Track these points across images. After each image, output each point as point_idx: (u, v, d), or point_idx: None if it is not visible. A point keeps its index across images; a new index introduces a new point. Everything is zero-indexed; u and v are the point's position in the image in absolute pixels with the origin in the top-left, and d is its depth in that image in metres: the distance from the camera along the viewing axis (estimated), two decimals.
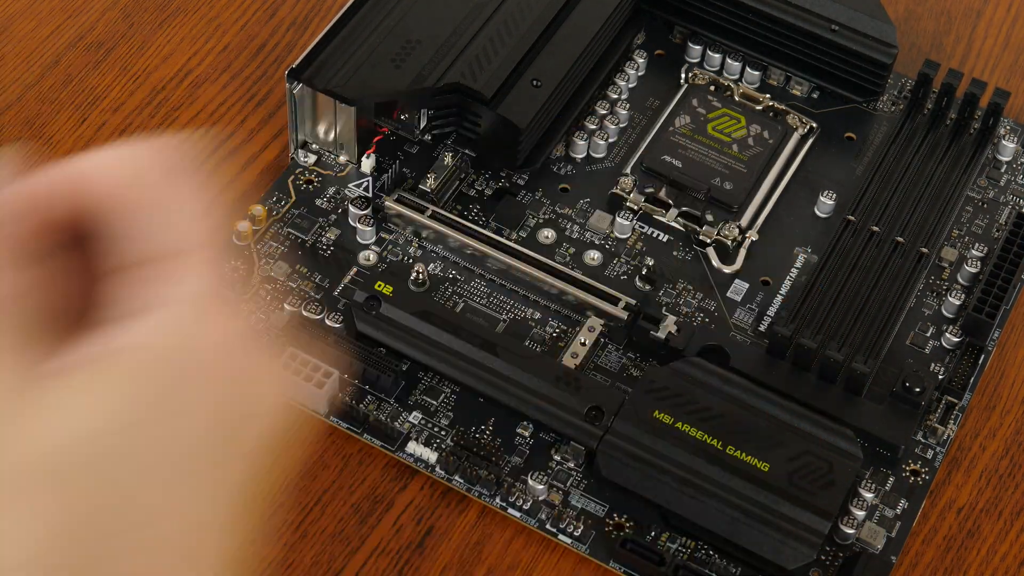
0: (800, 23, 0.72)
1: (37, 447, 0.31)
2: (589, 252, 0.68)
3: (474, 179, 0.70)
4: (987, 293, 0.66)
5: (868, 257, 0.67)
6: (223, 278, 0.36)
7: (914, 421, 0.62)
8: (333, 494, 0.60)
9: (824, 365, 0.63)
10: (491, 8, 0.70)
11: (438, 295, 0.66)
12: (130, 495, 0.32)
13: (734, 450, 0.59)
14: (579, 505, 0.60)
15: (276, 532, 0.59)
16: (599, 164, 0.71)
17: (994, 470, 0.63)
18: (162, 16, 0.76)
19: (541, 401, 0.61)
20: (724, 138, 0.71)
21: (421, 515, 0.60)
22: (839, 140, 0.73)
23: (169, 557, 0.33)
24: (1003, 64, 0.78)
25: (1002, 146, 0.73)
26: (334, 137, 0.69)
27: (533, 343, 0.65)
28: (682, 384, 0.61)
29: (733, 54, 0.74)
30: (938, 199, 0.69)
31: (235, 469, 0.36)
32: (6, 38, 0.74)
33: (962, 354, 0.66)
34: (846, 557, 0.59)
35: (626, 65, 0.74)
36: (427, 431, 0.62)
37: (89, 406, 0.32)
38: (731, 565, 0.59)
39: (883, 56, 0.72)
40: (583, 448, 0.61)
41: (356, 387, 0.62)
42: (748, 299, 0.67)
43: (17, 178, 0.36)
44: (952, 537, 0.61)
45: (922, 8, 0.80)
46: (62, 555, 0.30)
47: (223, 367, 0.35)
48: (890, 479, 0.62)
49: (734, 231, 0.68)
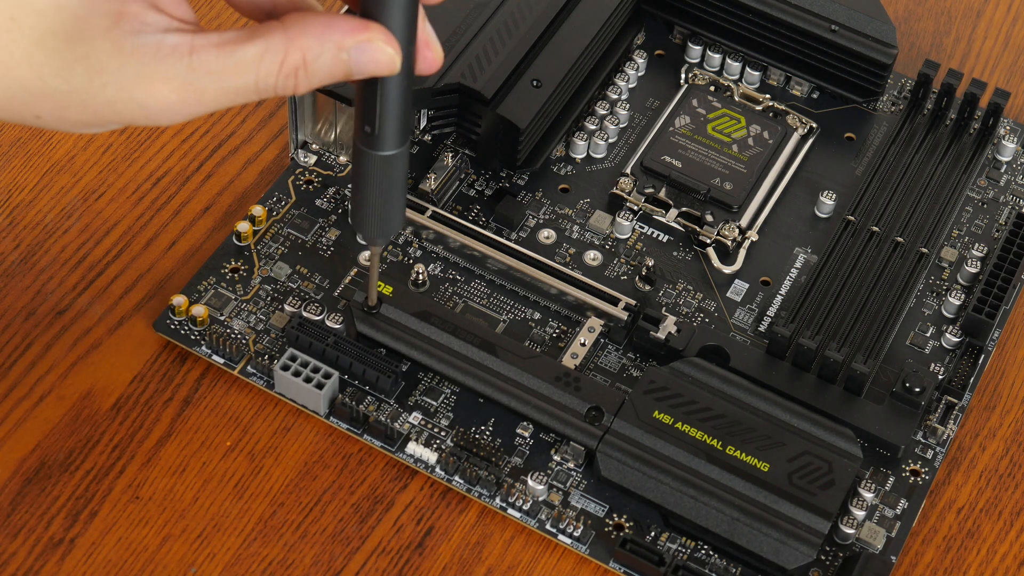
0: (800, 23, 0.72)
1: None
2: (589, 252, 0.68)
3: (474, 179, 0.70)
4: (987, 293, 0.66)
5: (868, 257, 0.67)
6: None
7: (914, 421, 0.63)
8: (333, 494, 0.60)
9: (824, 365, 0.63)
10: (491, 8, 0.70)
11: (438, 295, 0.66)
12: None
13: (734, 450, 0.59)
14: (579, 505, 0.60)
15: (276, 532, 0.59)
16: (599, 164, 0.71)
17: (994, 470, 0.63)
18: None
19: (541, 401, 0.61)
20: (724, 138, 0.71)
21: (421, 515, 0.60)
22: (839, 140, 0.73)
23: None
24: (1003, 64, 0.78)
25: (1002, 146, 0.73)
26: (334, 137, 0.69)
27: (533, 343, 0.65)
28: (682, 384, 0.61)
29: (733, 54, 0.75)
30: (938, 199, 0.69)
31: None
32: None
33: (962, 354, 0.66)
34: (846, 557, 0.59)
35: (626, 65, 0.74)
36: (427, 431, 0.62)
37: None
38: (731, 565, 0.59)
39: (883, 56, 0.72)
40: (583, 448, 0.61)
41: (356, 388, 0.63)
42: (748, 299, 0.67)
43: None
44: (952, 537, 0.61)
45: (922, 8, 0.80)
46: None
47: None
48: (890, 479, 0.62)
49: (734, 231, 0.68)
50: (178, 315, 0.64)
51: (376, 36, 0.48)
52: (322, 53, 0.47)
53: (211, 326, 0.64)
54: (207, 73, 0.47)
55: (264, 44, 0.47)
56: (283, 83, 0.48)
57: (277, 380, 0.62)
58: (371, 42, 0.47)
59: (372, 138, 0.51)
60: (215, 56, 0.47)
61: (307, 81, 0.48)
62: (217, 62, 0.47)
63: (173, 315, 0.64)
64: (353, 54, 0.48)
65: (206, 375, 0.63)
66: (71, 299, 0.65)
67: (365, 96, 0.50)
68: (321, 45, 0.47)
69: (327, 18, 0.48)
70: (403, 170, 0.52)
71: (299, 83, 0.48)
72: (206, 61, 0.47)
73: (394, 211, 0.54)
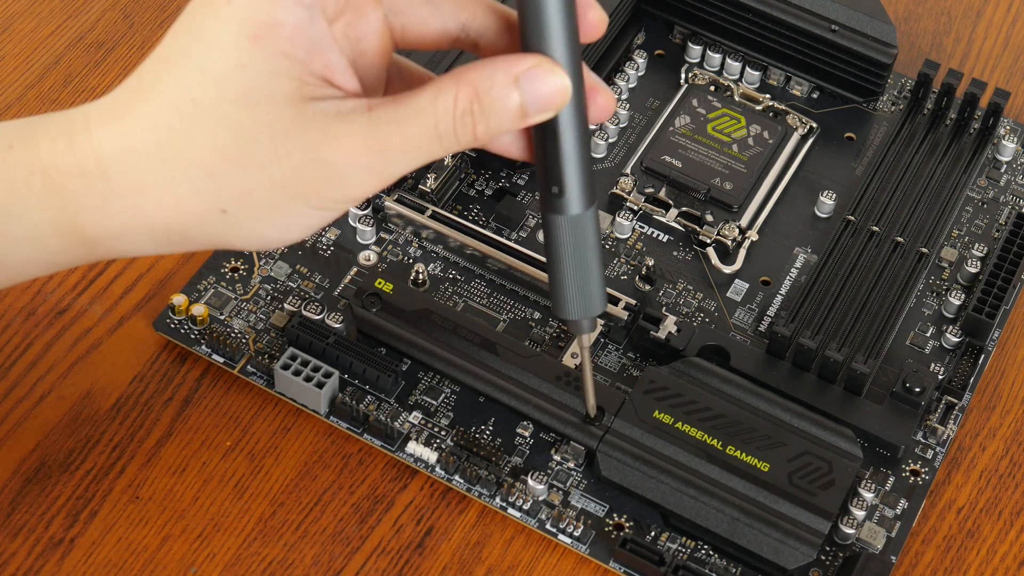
0: (800, 23, 0.72)
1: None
2: None
3: (474, 179, 0.70)
4: (987, 293, 0.66)
5: (868, 257, 0.67)
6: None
7: (914, 421, 0.63)
8: (333, 494, 0.60)
9: (824, 365, 0.63)
10: None
11: (438, 295, 0.66)
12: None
13: (734, 450, 0.59)
14: (579, 505, 0.60)
15: (276, 532, 0.59)
16: (599, 164, 0.71)
17: (994, 470, 0.63)
18: (162, 16, 0.76)
19: (541, 401, 0.61)
20: (724, 138, 0.71)
21: (421, 515, 0.60)
22: (839, 140, 0.73)
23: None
24: (1003, 64, 0.78)
25: (1002, 146, 0.73)
26: None
27: (533, 343, 0.65)
28: (682, 384, 0.61)
29: (733, 54, 0.75)
30: (938, 199, 0.69)
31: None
32: (6, 38, 0.74)
33: (962, 354, 0.66)
34: (846, 557, 0.59)
35: (626, 65, 0.74)
36: (427, 431, 0.62)
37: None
38: (731, 565, 0.59)
39: (883, 56, 0.72)
40: (583, 448, 0.61)
41: (356, 387, 0.63)
42: (748, 299, 0.67)
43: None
44: (952, 537, 0.61)
45: (922, 8, 0.80)
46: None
47: None
48: (890, 479, 0.62)
49: (734, 231, 0.68)
50: (178, 314, 0.64)
51: (543, 61, 0.48)
52: (493, 84, 0.48)
53: (211, 325, 0.64)
54: (387, 123, 0.47)
55: (436, 86, 0.48)
56: (461, 123, 0.48)
57: (277, 379, 0.62)
58: (539, 67, 0.48)
59: (561, 200, 0.50)
60: (393, 107, 0.48)
61: (484, 119, 0.48)
62: (396, 111, 0.47)
63: (173, 314, 0.64)
64: (524, 83, 0.48)
65: (206, 375, 0.63)
66: (71, 299, 0.65)
67: (547, 153, 0.49)
68: (491, 76, 0.48)
69: (493, 57, 0.48)
70: (596, 232, 0.51)
71: (476, 121, 0.48)
72: (385, 112, 0.47)
73: (593, 281, 0.53)
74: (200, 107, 0.47)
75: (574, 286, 0.52)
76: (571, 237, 0.51)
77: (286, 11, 0.47)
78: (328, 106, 0.47)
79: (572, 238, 0.51)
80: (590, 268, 0.52)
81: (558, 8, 0.47)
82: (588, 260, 0.52)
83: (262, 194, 0.48)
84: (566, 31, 0.48)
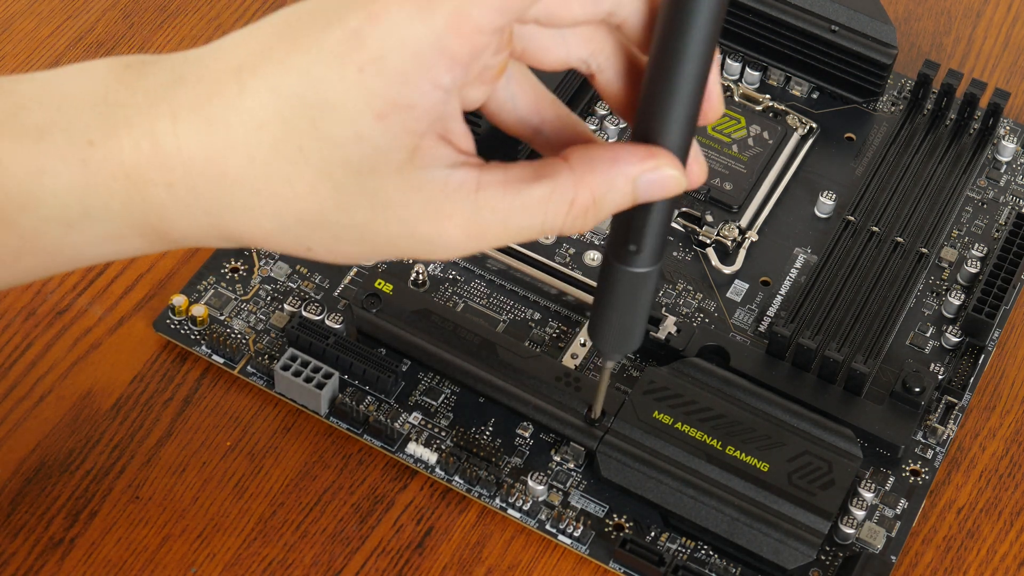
0: (800, 23, 0.72)
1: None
2: (589, 252, 0.68)
3: None
4: (987, 293, 0.66)
5: (868, 257, 0.67)
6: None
7: (914, 421, 0.63)
8: (333, 494, 0.60)
9: (824, 365, 0.63)
10: None
11: (438, 295, 0.66)
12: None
13: (734, 450, 0.59)
14: (579, 505, 0.60)
15: (276, 532, 0.59)
16: None
17: (994, 470, 0.63)
18: (162, 16, 0.76)
19: (541, 401, 0.61)
20: (724, 138, 0.71)
21: (421, 515, 0.60)
22: (839, 140, 0.73)
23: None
24: (1003, 64, 0.78)
25: (1002, 146, 0.73)
26: None
27: (533, 343, 0.65)
28: (682, 384, 0.61)
29: (733, 54, 0.75)
30: (938, 199, 0.69)
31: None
32: (6, 38, 0.74)
33: (962, 354, 0.66)
34: (846, 557, 0.59)
35: None
36: (427, 432, 0.62)
37: None
38: (731, 565, 0.59)
39: (883, 56, 0.72)
40: (583, 448, 0.61)
41: (356, 388, 0.63)
42: (748, 299, 0.67)
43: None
44: (952, 537, 0.61)
45: (922, 8, 0.80)
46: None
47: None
48: (890, 479, 0.62)
49: (734, 231, 0.68)
50: (178, 315, 0.64)
51: (663, 163, 0.46)
52: (611, 189, 0.46)
53: (211, 326, 0.64)
54: (492, 211, 0.45)
55: (552, 185, 0.45)
56: (571, 223, 0.46)
57: (277, 380, 0.62)
58: (659, 169, 0.46)
59: (634, 256, 0.49)
60: (501, 195, 0.45)
61: (596, 218, 0.46)
62: (504, 201, 0.45)
63: (173, 315, 0.64)
64: (640, 183, 0.46)
65: (206, 375, 0.63)
66: (71, 299, 0.65)
67: (634, 216, 0.48)
68: (611, 182, 0.46)
69: (612, 151, 0.46)
70: (654, 287, 0.51)
71: (587, 221, 0.46)
72: (492, 199, 0.45)
73: (636, 327, 0.53)
74: (305, 157, 0.44)
75: (617, 328, 0.52)
76: (630, 288, 0.51)
77: (420, 94, 0.43)
78: (437, 175, 0.45)
79: (631, 289, 0.51)
80: (638, 317, 0.52)
81: (689, 93, 0.45)
82: (639, 310, 0.52)
83: (351, 247, 0.47)
84: (691, 119, 0.46)
